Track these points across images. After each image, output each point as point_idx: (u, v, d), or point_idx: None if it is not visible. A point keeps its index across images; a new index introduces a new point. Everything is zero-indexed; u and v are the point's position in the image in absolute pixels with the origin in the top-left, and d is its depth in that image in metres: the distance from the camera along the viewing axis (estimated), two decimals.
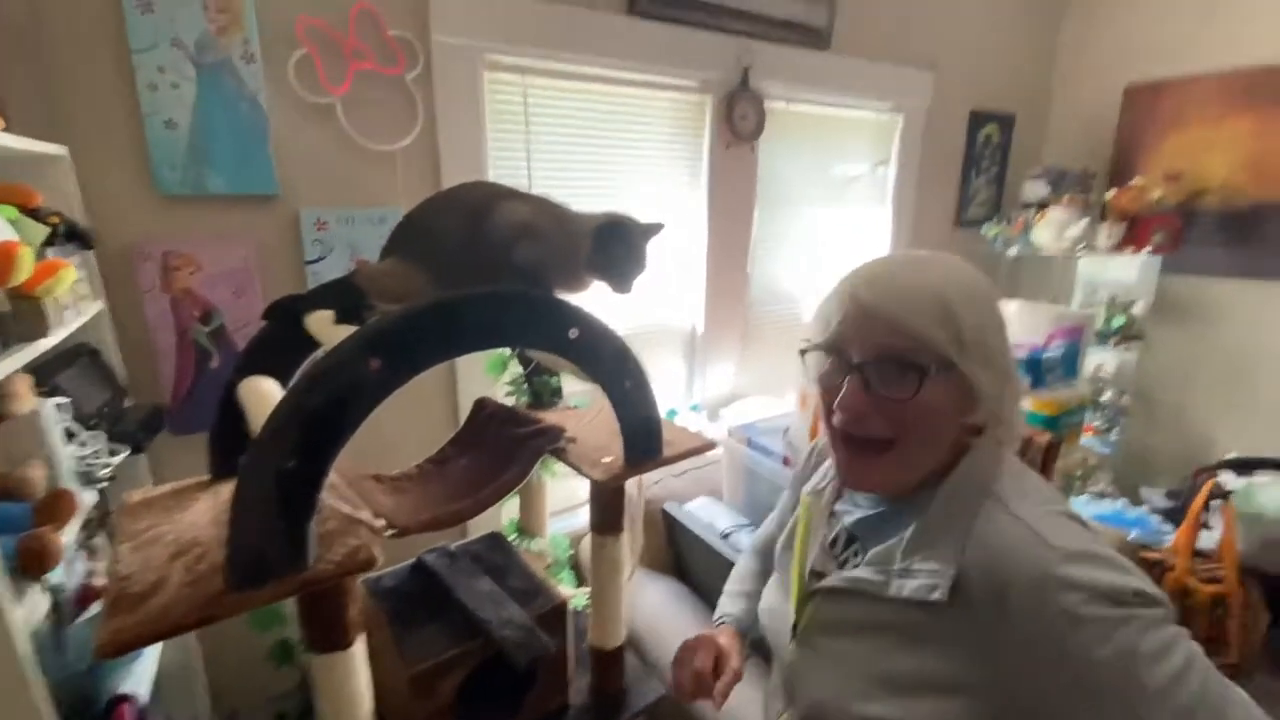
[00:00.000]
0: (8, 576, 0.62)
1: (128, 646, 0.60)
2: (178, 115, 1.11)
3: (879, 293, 0.62)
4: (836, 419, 0.66)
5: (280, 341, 0.93)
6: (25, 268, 0.69)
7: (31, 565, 0.64)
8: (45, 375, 0.89)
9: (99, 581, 0.95)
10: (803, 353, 0.70)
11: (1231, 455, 1.95)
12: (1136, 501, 2.12)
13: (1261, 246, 2.14)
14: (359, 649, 0.76)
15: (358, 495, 0.88)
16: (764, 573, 0.97)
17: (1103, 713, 0.51)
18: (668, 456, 0.99)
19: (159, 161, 1.11)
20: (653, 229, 0.82)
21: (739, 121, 1.72)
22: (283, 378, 0.93)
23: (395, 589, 1.05)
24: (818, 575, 0.73)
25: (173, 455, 1.21)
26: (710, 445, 1.07)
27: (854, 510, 0.73)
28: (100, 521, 1.04)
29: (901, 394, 0.61)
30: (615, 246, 0.79)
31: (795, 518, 0.81)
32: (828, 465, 0.79)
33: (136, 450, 1.01)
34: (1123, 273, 2.42)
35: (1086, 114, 2.53)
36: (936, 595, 0.58)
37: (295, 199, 1.25)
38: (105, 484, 0.90)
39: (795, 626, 0.72)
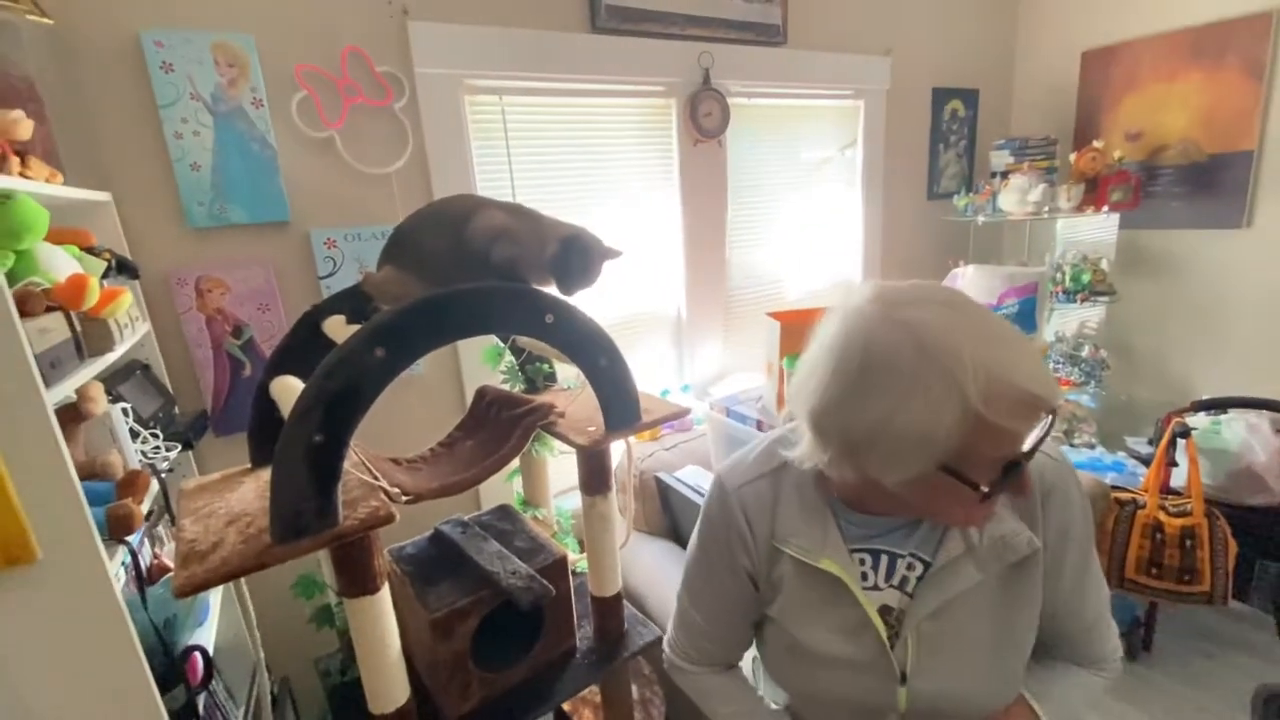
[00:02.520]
0: (102, 539, 0.78)
1: (199, 587, 0.75)
2: (200, 158, 1.27)
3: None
4: (1003, 499, 0.66)
5: (301, 345, 1.08)
6: (94, 295, 0.85)
7: (118, 529, 0.79)
8: (109, 386, 1.05)
9: (167, 561, 1.12)
10: (986, 497, 0.57)
11: (1203, 398, 2.04)
12: (1118, 449, 2.21)
13: (1220, 197, 2.22)
14: (384, 595, 0.90)
15: (381, 471, 1.03)
16: (736, 678, 0.90)
17: (1081, 563, 0.73)
18: (645, 422, 1.13)
19: (188, 199, 1.28)
20: (611, 253, 0.91)
21: (704, 119, 1.86)
22: (305, 376, 1.08)
23: (416, 555, 1.20)
24: (885, 612, 0.71)
25: (216, 453, 1.38)
26: (684, 412, 1.21)
27: (887, 535, 0.72)
28: (161, 513, 1.21)
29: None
30: (575, 258, 0.90)
31: (833, 580, 0.71)
32: (817, 515, 0.73)
33: (187, 448, 1.18)
34: (1098, 232, 2.51)
35: (1048, 82, 2.62)
36: (1038, 543, 0.68)
37: (306, 222, 1.41)
38: (165, 474, 1.06)
39: (903, 673, 0.70)
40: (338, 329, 1.04)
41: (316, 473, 0.80)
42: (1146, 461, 2.08)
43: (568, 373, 1.37)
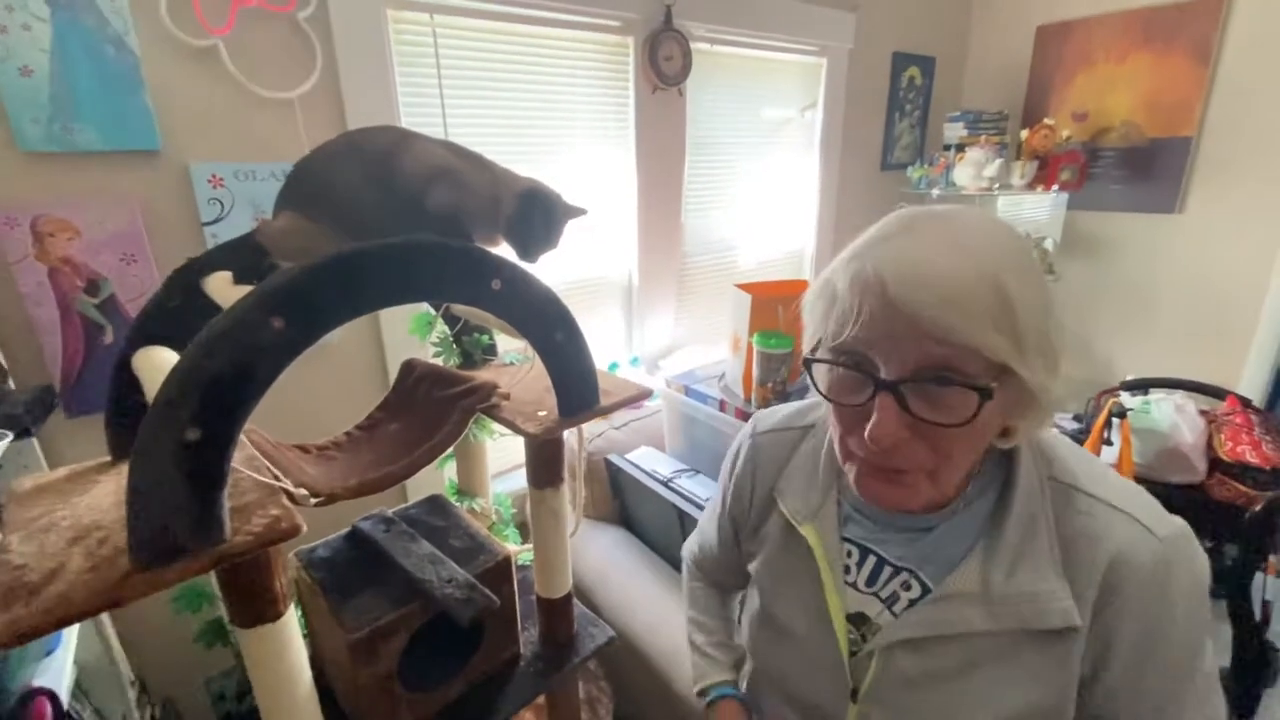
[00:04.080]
0: None
1: (27, 636, 0.56)
2: (33, 60, 0.98)
3: (917, 289, 0.47)
4: (857, 446, 0.54)
5: (176, 309, 0.86)
6: None
7: None
8: None
9: None
10: (809, 364, 0.56)
11: (1130, 378, 2.11)
12: None
13: (1156, 182, 2.28)
14: (288, 621, 0.74)
15: (285, 463, 0.85)
16: (720, 597, 0.91)
17: (1172, 686, 0.53)
18: (603, 406, 0.99)
19: (17, 115, 0.98)
20: (575, 211, 0.78)
21: (664, 63, 1.68)
22: (180, 347, 0.86)
23: (330, 559, 1.02)
24: (855, 619, 0.63)
25: (70, 438, 1.12)
26: (646, 393, 1.07)
27: (886, 535, 0.63)
28: None
29: (953, 419, 0.48)
30: (537, 216, 0.76)
31: (801, 561, 0.67)
32: (820, 481, 0.68)
33: (23, 435, 0.93)
34: (1037, 210, 2.55)
35: (1002, 55, 2.60)
36: (1077, 620, 0.52)
37: (183, 153, 1.14)
38: None
39: (855, 690, 0.62)
40: (222, 289, 0.83)
41: (191, 477, 0.62)
42: (1074, 437, 2.15)
43: (510, 346, 1.21)
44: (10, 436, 0.88)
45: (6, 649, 0.52)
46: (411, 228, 0.75)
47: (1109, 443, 1.82)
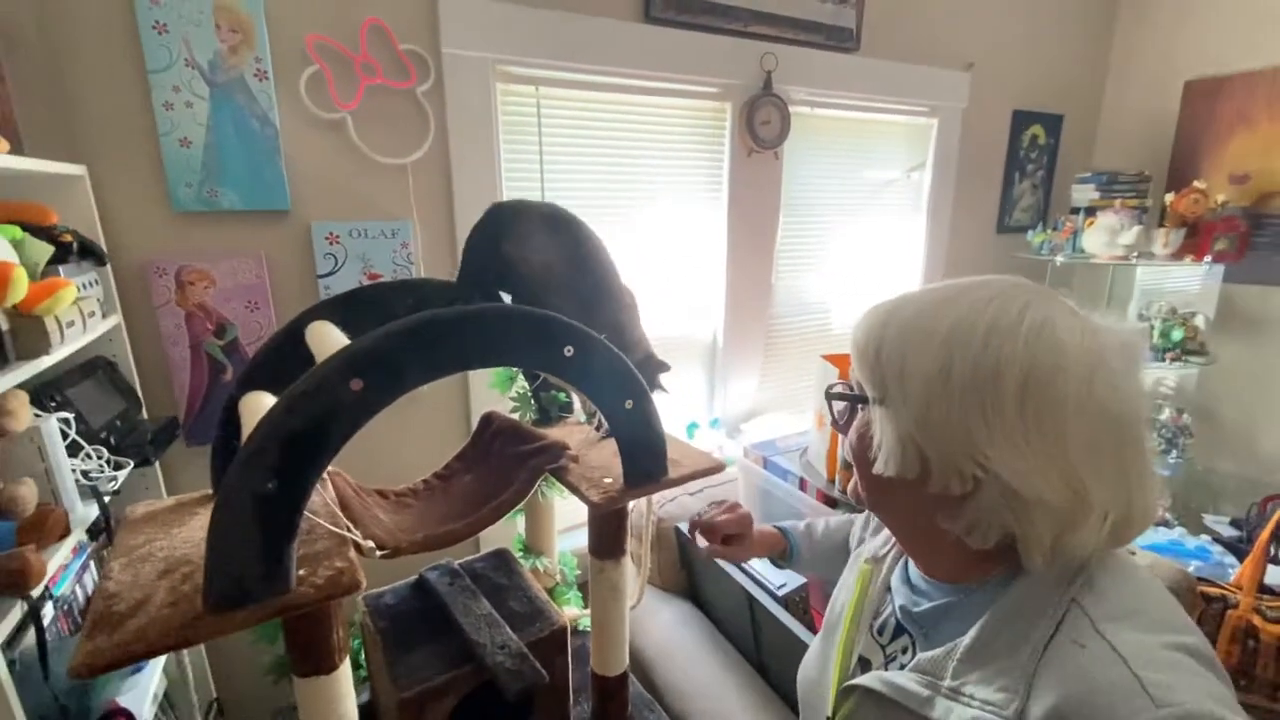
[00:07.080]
0: None
1: (101, 669, 0.59)
2: (192, 133, 1.13)
3: (856, 327, 0.60)
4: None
5: (286, 354, 0.92)
6: (19, 289, 0.70)
7: (10, 584, 0.64)
8: (55, 389, 0.91)
9: None
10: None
11: None
12: (1198, 530, 1.96)
13: None
14: (343, 673, 0.74)
15: (360, 509, 0.87)
16: (837, 542, 1.01)
17: None
18: (672, 478, 0.95)
19: (174, 179, 1.14)
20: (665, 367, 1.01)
21: (761, 128, 1.67)
22: (282, 392, 0.92)
23: (395, 608, 1.04)
24: (863, 663, 0.65)
25: (188, 466, 1.24)
26: (719, 467, 1.02)
27: (910, 596, 0.62)
28: (111, 536, 1.06)
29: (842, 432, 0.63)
30: (652, 370, 0.99)
31: (849, 587, 0.71)
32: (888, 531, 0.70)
33: (146, 463, 1.03)
34: (1184, 282, 2.26)
35: (1142, 113, 2.37)
36: None
37: (306, 213, 1.27)
38: (109, 498, 0.91)
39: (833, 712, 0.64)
40: (322, 340, 0.87)
41: (265, 528, 0.65)
42: (1230, 546, 1.83)
43: (586, 404, 1.20)
44: (131, 465, 0.97)
45: (84, 677, 0.55)
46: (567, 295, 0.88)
47: (1276, 560, 1.53)
